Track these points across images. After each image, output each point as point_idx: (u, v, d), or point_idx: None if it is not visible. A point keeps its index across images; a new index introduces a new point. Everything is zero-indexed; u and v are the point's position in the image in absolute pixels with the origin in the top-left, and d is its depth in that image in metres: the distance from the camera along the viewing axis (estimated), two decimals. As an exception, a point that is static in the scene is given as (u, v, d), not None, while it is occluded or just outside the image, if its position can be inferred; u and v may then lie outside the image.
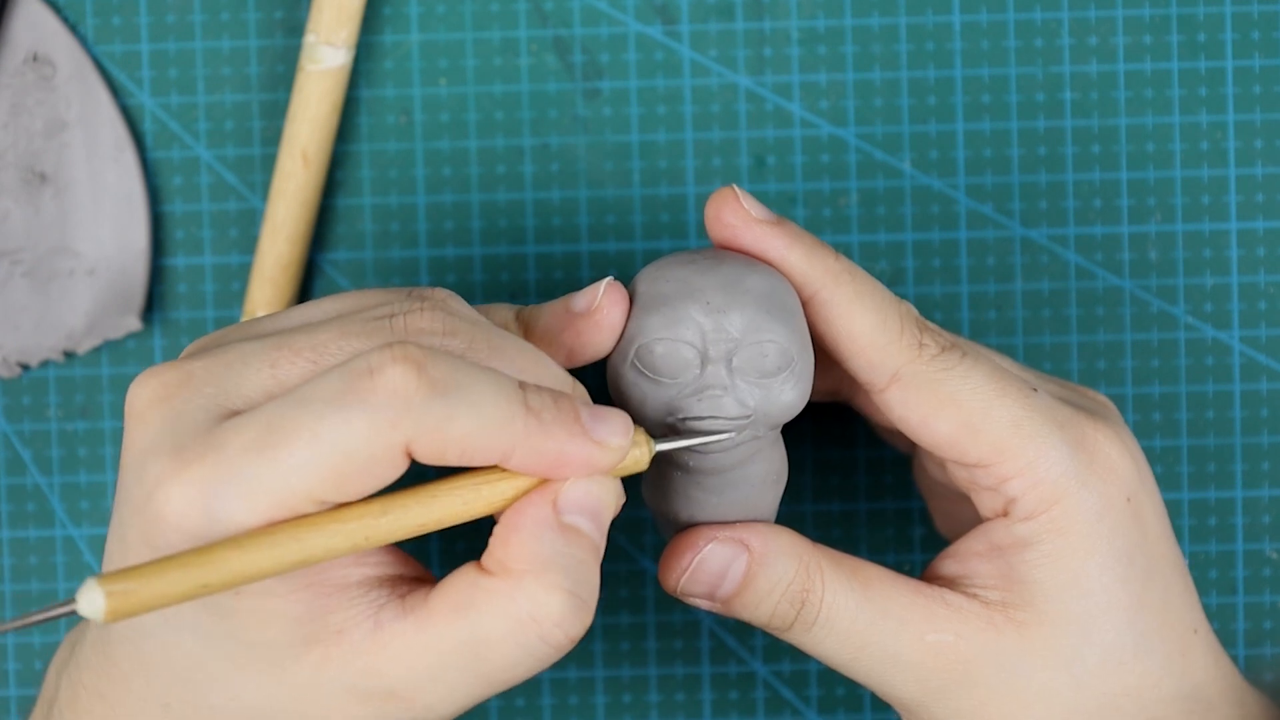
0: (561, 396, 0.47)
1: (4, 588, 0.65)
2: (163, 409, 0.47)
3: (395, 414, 0.45)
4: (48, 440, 0.65)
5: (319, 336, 0.47)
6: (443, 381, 0.45)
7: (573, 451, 0.47)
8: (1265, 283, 0.65)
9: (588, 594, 0.47)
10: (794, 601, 0.53)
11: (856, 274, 0.53)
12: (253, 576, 0.45)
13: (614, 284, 0.51)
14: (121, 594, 0.44)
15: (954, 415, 0.52)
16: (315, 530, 0.46)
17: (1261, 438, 0.65)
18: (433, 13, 0.65)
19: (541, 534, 0.47)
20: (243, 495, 0.45)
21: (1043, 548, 0.53)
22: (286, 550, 0.45)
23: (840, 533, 0.65)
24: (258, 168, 0.65)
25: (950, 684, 0.53)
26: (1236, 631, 0.65)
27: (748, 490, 0.53)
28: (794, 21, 0.65)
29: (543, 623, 0.47)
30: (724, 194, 0.53)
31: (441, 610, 0.47)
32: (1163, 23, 0.65)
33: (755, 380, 0.51)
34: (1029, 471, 0.52)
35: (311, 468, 0.45)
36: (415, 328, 0.48)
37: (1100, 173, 0.65)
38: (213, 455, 0.45)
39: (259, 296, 0.64)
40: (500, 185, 0.65)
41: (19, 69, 0.65)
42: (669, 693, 0.65)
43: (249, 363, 0.47)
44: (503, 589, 0.47)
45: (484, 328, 0.49)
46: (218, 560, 0.45)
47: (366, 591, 0.47)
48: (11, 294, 0.64)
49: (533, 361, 0.48)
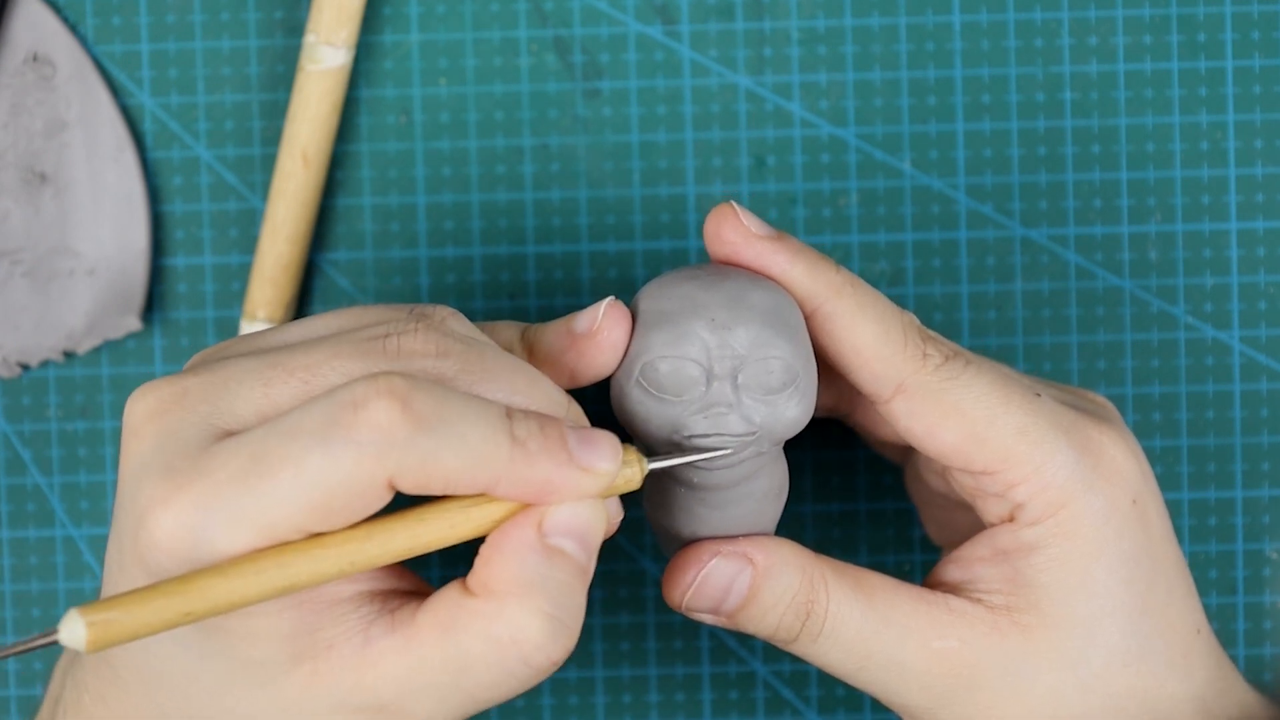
0: (549, 422, 0.47)
1: (4, 588, 0.65)
2: (157, 425, 0.47)
3: (379, 449, 0.45)
4: (48, 440, 0.65)
5: (313, 356, 0.47)
6: (427, 415, 0.45)
7: (558, 479, 0.47)
8: (1265, 283, 0.65)
9: (570, 617, 0.47)
10: (799, 614, 0.53)
11: (859, 286, 0.53)
12: (237, 604, 0.45)
13: (615, 304, 0.51)
14: (102, 624, 0.44)
15: (959, 424, 0.52)
16: (300, 557, 0.46)
17: (1261, 438, 0.65)
18: (433, 13, 0.65)
19: (525, 556, 0.47)
20: (229, 524, 0.45)
21: (1049, 551, 0.53)
22: (271, 578, 0.45)
23: (840, 533, 0.65)
24: (258, 168, 0.65)
25: (956, 689, 0.53)
26: (1236, 631, 0.65)
27: (751, 505, 0.53)
28: (794, 21, 0.65)
29: (523, 645, 0.47)
30: (723, 211, 0.53)
31: (427, 629, 0.47)
32: (1163, 23, 0.65)
33: (760, 397, 0.51)
34: (1035, 477, 0.53)
35: (296, 500, 0.45)
36: (409, 349, 0.48)
37: (1100, 173, 0.65)
38: (201, 482, 0.45)
39: (259, 296, 0.64)
40: (500, 185, 0.65)
41: (19, 69, 0.65)
42: (669, 693, 0.65)
43: (243, 381, 0.47)
44: (485, 610, 0.47)
45: (478, 349, 0.48)
46: (201, 589, 0.45)
47: (357, 607, 0.48)
48: (11, 294, 0.64)
49: (526, 383, 0.48)
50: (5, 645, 0.57)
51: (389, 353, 0.48)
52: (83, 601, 0.65)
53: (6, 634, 0.65)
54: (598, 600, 0.65)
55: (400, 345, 0.48)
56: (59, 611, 0.65)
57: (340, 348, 0.48)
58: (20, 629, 0.65)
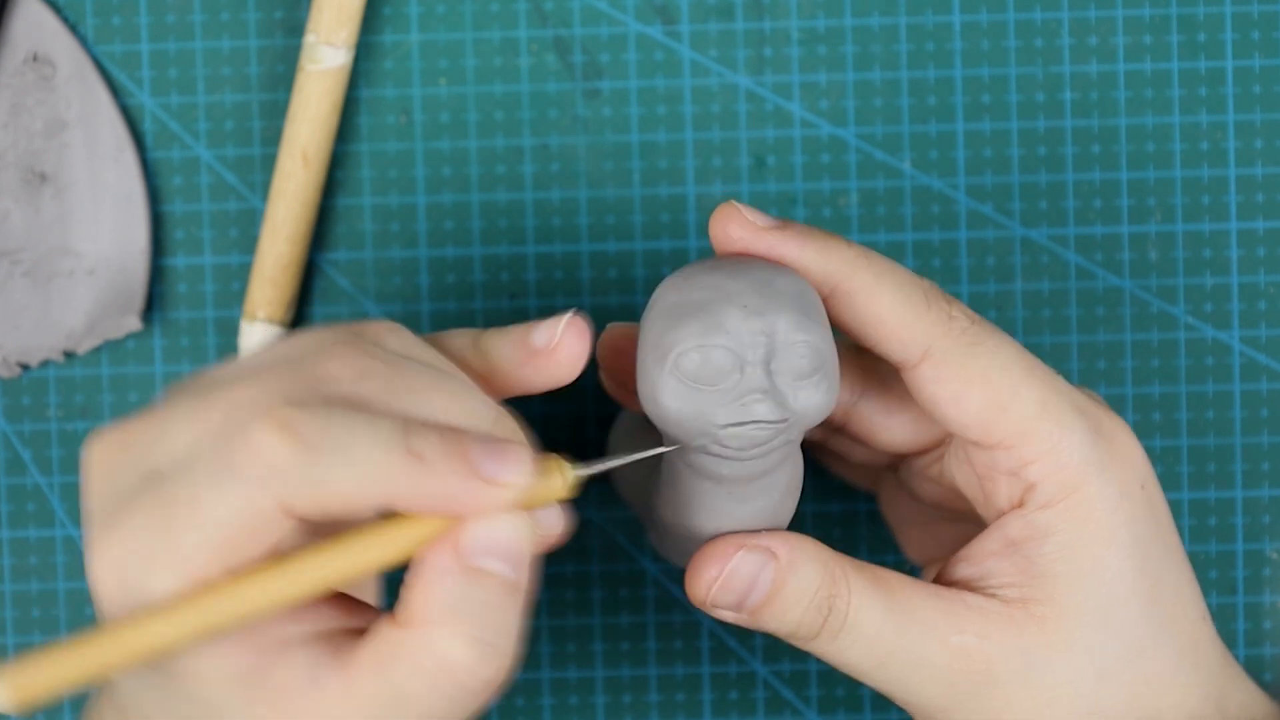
0: (450, 435, 0.46)
1: (4, 588, 0.65)
2: (100, 471, 0.48)
3: (264, 479, 0.45)
4: (48, 440, 0.65)
5: (238, 390, 0.47)
6: (313, 438, 0.45)
7: (460, 492, 0.46)
8: (1265, 283, 0.65)
9: (499, 636, 0.47)
10: (821, 608, 0.53)
11: (873, 257, 0.53)
12: (160, 649, 0.45)
13: (575, 319, 0.51)
14: (23, 685, 0.44)
15: (984, 392, 0.52)
16: (219, 598, 0.45)
17: (1261, 438, 0.65)
18: (433, 13, 0.65)
19: (444, 581, 0.47)
20: (149, 568, 0.46)
21: (1061, 537, 0.53)
22: (191, 618, 0.45)
23: (840, 533, 0.65)
24: (258, 168, 0.65)
25: (977, 687, 0.53)
26: (1236, 631, 0.65)
27: (774, 497, 0.52)
28: (794, 21, 0.65)
29: (455, 672, 0.46)
30: (725, 210, 0.53)
31: (364, 665, 0.47)
32: (1163, 23, 0.65)
33: (791, 382, 0.50)
34: (1052, 456, 0.53)
35: (202, 539, 0.45)
36: (327, 374, 0.47)
37: (1100, 173, 0.65)
38: (123, 527, 0.46)
39: (259, 296, 0.64)
40: (500, 185, 0.65)
41: (19, 69, 0.65)
42: (669, 693, 0.65)
43: (176, 420, 0.47)
44: (411, 641, 0.46)
45: (401, 368, 0.48)
46: (117, 639, 0.45)
47: (305, 646, 0.47)
48: (11, 294, 0.64)
49: (450, 398, 0.48)
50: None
51: (307, 380, 0.47)
52: (81, 601, 0.65)
53: (7, 634, 0.65)
54: (598, 600, 0.65)
55: (319, 371, 0.48)
56: (58, 611, 0.65)
57: (264, 379, 0.47)
58: (20, 629, 0.65)
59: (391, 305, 0.65)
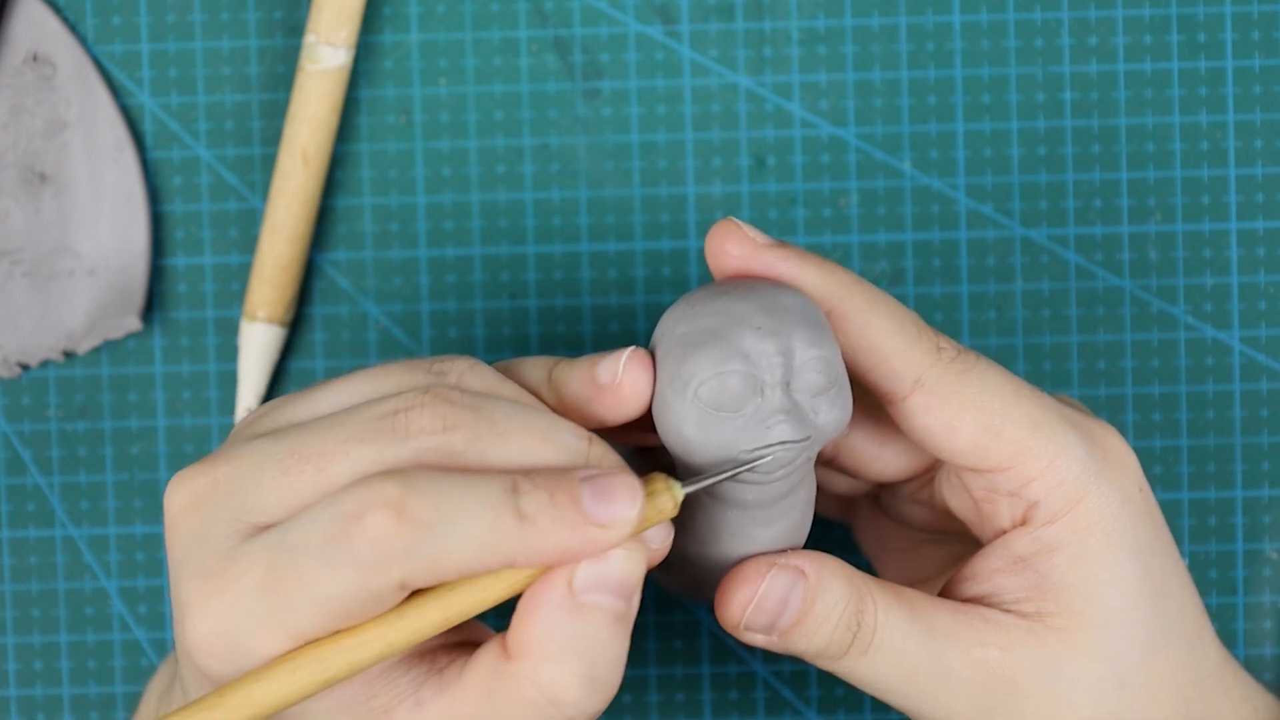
0: (559, 487, 0.47)
1: (4, 588, 0.65)
2: (190, 520, 0.48)
3: (380, 562, 0.46)
4: (48, 440, 0.65)
5: (326, 441, 0.48)
6: (424, 518, 0.46)
7: (576, 544, 0.47)
8: (1265, 283, 0.65)
9: (607, 671, 0.47)
10: (850, 625, 0.52)
11: (866, 285, 0.53)
12: (280, 705, 0.46)
13: (635, 354, 0.51)
14: None
15: (976, 419, 0.52)
16: (334, 650, 0.47)
17: (1261, 438, 0.65)
18: (433, 13, 0.65)
19: (555, 617, 0.47)
20: (258, 631, 0.47)
21: (1070, 549, 0.53)
22: (309, 674, 0.46)
23: (840, 533, 0.65)
24: (258, 168, 0.65)
25: (1002, 699, 0.53)
26: (1236, 631, 0.65)
27: (795, 517, 0.52)
28: (794, 21, 0.65)
29: (561, 707, 0.47)
30: (724, 226, 0.53)
31: (470, 691, 0.48)
32: (1163, 23, 0.65)
33: (810, 399, 0.50)
34: (1051, 472, 0.53)
35: (315, 611, 0.46)
36: (416, 428, 0.48)
37: (1100, 173, 0.65)
38: (229, 590, 0.47)
39: (259, 296, 0.64)
40: (500, 185, 0.65)
41: (19, 69, 0.65)
42: (669, 693, 0.65)
43: (265, 469, 0.48)
44: (519, 674, 0.47)
45: (487, 413, 0.48)
46: (240, 698, 0.46)
47: (407, 670, 0.48)
48: (11, 294, 0.64)
49: (541, 439, 0.48)
50: None
51: (397, 433, 0.48)
52: (81, 601, 0.65)
53: (7, 634, 0.65)
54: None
55: (408, 424, 0.48)
56: (58, 611, 0.65)
57: (352, 430, 0.48)
58: (20, 629, 0.65)
59: (391, 305, 0.65)
